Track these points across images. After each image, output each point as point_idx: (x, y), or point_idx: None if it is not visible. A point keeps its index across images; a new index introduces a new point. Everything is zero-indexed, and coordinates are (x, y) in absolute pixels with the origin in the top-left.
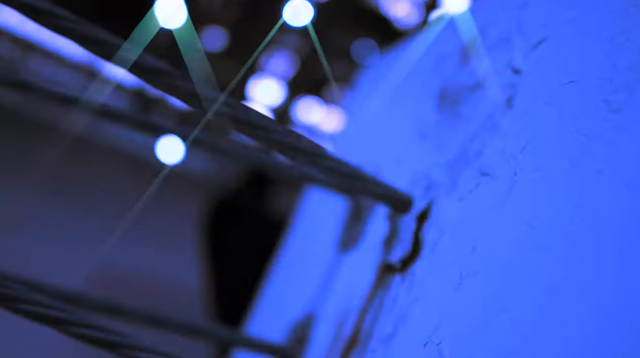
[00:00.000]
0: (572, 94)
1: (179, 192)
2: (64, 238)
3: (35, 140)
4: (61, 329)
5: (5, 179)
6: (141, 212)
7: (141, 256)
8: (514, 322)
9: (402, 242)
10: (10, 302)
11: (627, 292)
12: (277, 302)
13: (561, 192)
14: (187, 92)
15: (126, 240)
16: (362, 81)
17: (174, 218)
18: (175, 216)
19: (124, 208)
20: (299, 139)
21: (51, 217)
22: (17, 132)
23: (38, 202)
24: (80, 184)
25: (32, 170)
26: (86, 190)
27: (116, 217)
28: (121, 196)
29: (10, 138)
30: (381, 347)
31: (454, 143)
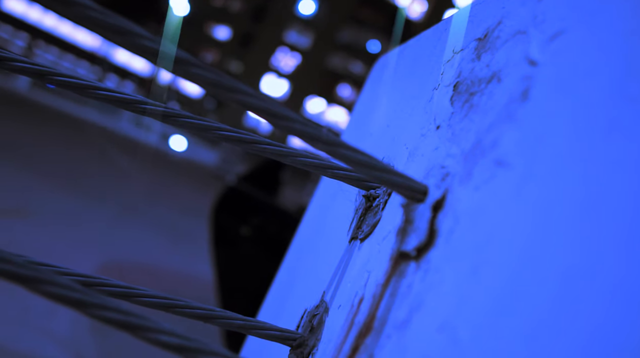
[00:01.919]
0: (589, 85)
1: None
2: (74, 228)
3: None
4: (84, 311)
5: (14, 168)
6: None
7: (153, 246)
8: (530, 307)
9: (417, 230)
10: (37, 283)
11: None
12: (290, 291)
13: (577, 182)
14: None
15: (137, 231)
16: (375, 74)
17: (186, 210)
18: (187, 207)
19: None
20: (318, 128)
21: (60, 207)
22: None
23: (46, 191)
24: (90, 173)
25: (40, 159)
26: (97, 180)
27: (127, 207)
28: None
29: (18, 127)
30: (396, 332)
31: (469, 134)
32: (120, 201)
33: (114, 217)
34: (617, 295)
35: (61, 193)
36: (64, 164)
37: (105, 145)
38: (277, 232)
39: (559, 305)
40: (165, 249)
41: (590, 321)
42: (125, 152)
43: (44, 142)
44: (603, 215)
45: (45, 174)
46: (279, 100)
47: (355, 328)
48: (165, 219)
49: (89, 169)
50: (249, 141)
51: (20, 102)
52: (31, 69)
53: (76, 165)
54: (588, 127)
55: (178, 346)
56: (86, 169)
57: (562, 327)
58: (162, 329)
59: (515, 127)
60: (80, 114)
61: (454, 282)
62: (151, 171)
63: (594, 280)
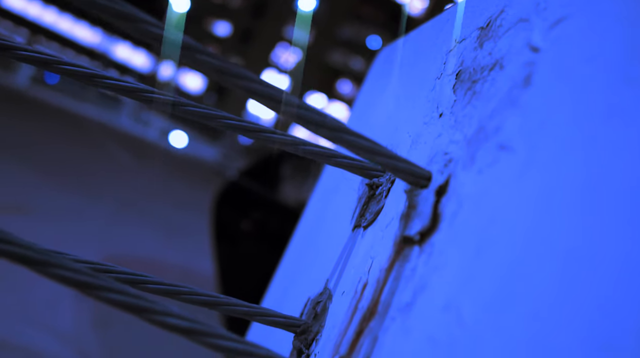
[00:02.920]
0: (591, 71)
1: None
2: (74, 223)
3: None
4: (92, 294)
5: (14, 164)
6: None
7: (153, 242)
8: (534, 286)
9: (420, 215)
10: (45, 266)
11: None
12: (293, 280)
13: (579, 164)
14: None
15: (137, 226)
16: (377, 66)
17: (186, 205)
18: (187, 203)
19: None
20: (322, 114)
21: (60, 203)
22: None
23: (46, 187)
24: (90, 170)
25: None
26: (97, 176)
27: (127, 203)
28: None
29: (17, 123)
30: (400, 315)
31: (472, 120)
32: (120, 197)
33: (114, 212)
34: (619, 275)
35: (61, 190)
36: (64, 160)
37: (105, 141)
38: (277, 226)
39: (563, 282)
40: (165, 244)
41: (593, 301)
42: (125, 148)
43: (44, 139)
44: (605, 198)
45: (45, 170)
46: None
47: (359, 313)
48: (165, 215)
49: (89, 165)
50: (253, 130)
51: (19, 99)
52: (36, 57)
53: (76, 161)
54: (589, 111)
55: (186, 329)
56: (86, 165)
57: (565, 306)
58: (170, 312)
59: (518, 112)
60: (79, 110)
61: (458, 264)
62: (151, 167)
63: (597, 261)
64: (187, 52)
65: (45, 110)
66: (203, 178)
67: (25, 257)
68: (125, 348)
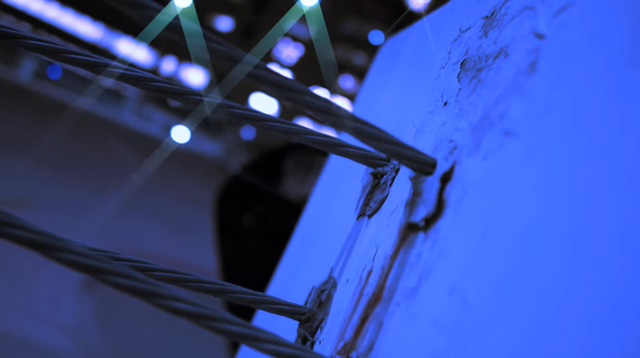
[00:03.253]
0: (596, 56)
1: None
2: (77, 217)
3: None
4: (99, 278)
5: (17, 158)
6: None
7: (155, 236)
8: (540, 267)
9: (425, 202)
10: (53, 250)
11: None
12: (297, 271)
13: (584, 148)
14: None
15: (140, 221)
16: (381, 57)
17: (188, 200)
18: (190, 198)
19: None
20: (328, 102)
21: (63, 197)
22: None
23: (49, 181)
24: (93, 164)
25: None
26: (99, 171)
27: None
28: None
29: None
30: (405, 300)
31: (477, 108)
32: (122, 192)
33: (117, 207)
34: (625, 252)
35: (64, 184)
36: (66, 154)
37: (107, 136)
38: (280, 221)
39: (569, 262)
40: (167, 239)
41: (598, 283)
42: (127, 143)
43: (46, 133)
44: (609, 181)
45: (48, 164)
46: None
47: (364, 300)
48: (167, 209)
49: (91, 159)
50: (258, 119)
51: (21, 93)
52: (44, 46)
53: (78, 155)
54: (594, 95)
55: (192, 313)
56: (88, 159)
57: (570, 288)
58: (177, 297)
59: (523, 98)
60: (82, 105)
61: (463, 248)
62: (153, 162)
63: (602, 243)
64: (196, 39)
65: (48, 105)
66: (205, 173)
67: (35, 242)
68: (126, 341)
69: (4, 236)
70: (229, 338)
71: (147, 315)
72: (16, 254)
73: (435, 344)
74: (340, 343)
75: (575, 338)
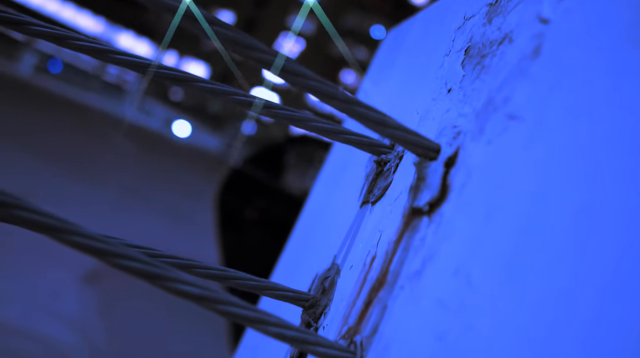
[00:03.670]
0: (601, 36)
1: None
2: (79, 211)
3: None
4: (106, 260)
5: (19, 153)
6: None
7: (157, 229)
8: (544, 243)
9: (429, 186)
10: (61, 233)
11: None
12: (301, 260)
13: (588, 128)
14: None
15: (141, 214)
16: (385, 47)
17: (189, 194)
18: (191, 191)
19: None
20: (334, 86)
21: (65, 190)
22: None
23: (51, 175)
24: (94, 158)
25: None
26: (101, 164)
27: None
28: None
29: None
30: (409, 283)
31: (481, 93)
32: (123, 185)
33: (118, 200)
34: (628, 231)
35: (65, 177)
36: (68, 148)
37: (108, 130)
38: (282, 214)
39: (574, 238)
40: (168, 232)
41: (606, 249)
42: (128, 137)
43: (47, 127)
44: (613, 160)
45: (49, 158)
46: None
47: (368, 285)
48: (168, 203)
49: (92, 153)
50: (262, 106)
51: (23, 88)
52: (50, 32)
53: (80, 149)
54: (598, 76)
55: (198, 296)
56: (89, 153)
57: (577, 258)
58: (182, 279)
59: (527, 82)
60: (83, 99)
61: (467, 230)
62: (154, 156)
63: (605, 219)
64: (202, 23)
65: (49, 99)
66: (207, 167)
67: (44, 224)
68: (129, 333)
69: (14, 219)
70: (234, 321)
71: (149, 308)
72: (19, 247)
73: (439, 324)
74: (344, 328)
75: (580, 315)
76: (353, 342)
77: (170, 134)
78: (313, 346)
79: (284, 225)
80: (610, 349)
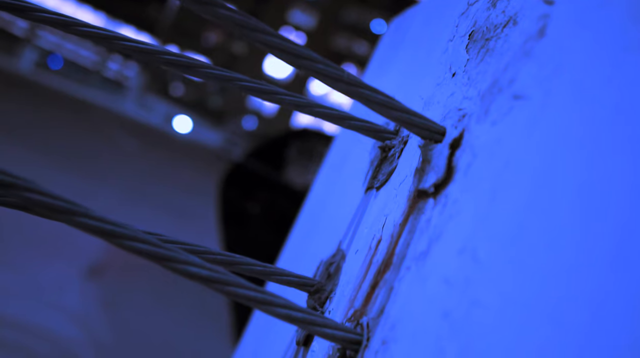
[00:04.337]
0: (606, 16)
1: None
2: None
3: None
4: (115, 242)
5: (21, 150)
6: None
7: (159, 226)
8: (550, 219)
9: (435, 168)
10: (70, 215)
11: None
12: (305, 246)
13: (594, 103)
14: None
15: (143, 211)
16: (388, 36)
17: (190, 189)
18: (192, 187)
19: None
20: (340, 69)
21: (67, 188)
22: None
23: (53, 173)
24: (96, 155)
25: (44, 140)
26: (102, 161)
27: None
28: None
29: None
30: (415, 263)
31: (486, 76)
32: (125, 181)
33: (120, 196)
34: (633, 203)
35: (66, 173)
36: (68, 144)
37: (109, 126)
38: (284, 208)
39: (578, 213)
40: (170, 227)
41: (606, 230)
42: (129, 133)
43: (47, 124)
44: (617, 135)
45: (52, 156)
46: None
47: (373, 267)
48: (170, 199)
49: (93, 149)
50: (268, 92)
51: (23, 84)
52: (56, 19)
53: (80, 145)
54: (605, 53)
55: (206, 277)
56: (90, 149)
57: (582, 232)
58: (191, 261)
59: (532, 62)
60: (84, 96)
61: (473, 209)
62: (155, 151)
63: (609, 194)
64: (209, 7)
65: (49, 95)
66: (208, 163)
67: (54, 206)
68: (133, 328)
69: (25, 201)
70: (242, 303)
71: (151, 302)
72: (22, 242)
73: (446, 301)
74: (350, 311)
75: (586, 288)
76: (359, 324)
77: (171, 129)
78: (320, 327)
79: (286, 219)
80: (616, 321)
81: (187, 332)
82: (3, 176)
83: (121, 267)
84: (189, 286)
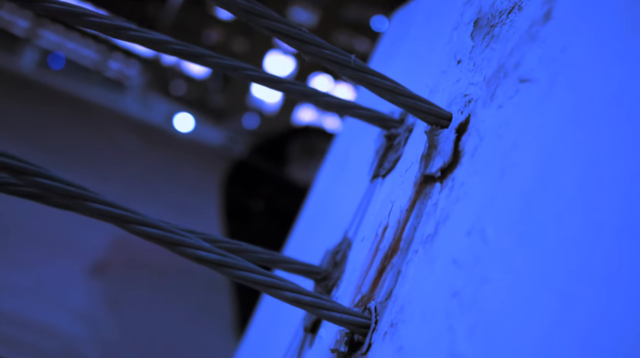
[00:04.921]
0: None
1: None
2: None
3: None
4: (125, 227)
5: (23, 148)
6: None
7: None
8: (557, 196)
9: (441, 152)
10: (81, 200)
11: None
12: (311, 235)
13: (601, 82)
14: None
15: (146, 208)
16: (392, 27)
17: (193, 187)
18: (194, 185)
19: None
20: (347, 55)
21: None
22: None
23: (56, 171)
24: (97, 153)
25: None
26: (104, 159)
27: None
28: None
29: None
30: (423, 246)
31: (491, 61)
32: (127, 179)
33: (122, 194)
34: (638, 180)
35: (68, 171)
36: (70, 143)
37: (111, 125)
38: (287, 204)
39: (585, 190)
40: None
41: (612, 205)
42: (130, 132)
43: (49, 122)
44: (622, 114)
45: (53, 154)
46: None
47: (380, 253)
48: (172, 197)
49: (95, 148)
50: (275, 80)
51: (25, 83)
52: (65, 10)
53: (82, 144)
54: (609, 34)
55: (216, 261)
56: (92, 148)
57: (589, 209)
58: (201, 246)
59: (538, 46)
60: (85, 94)
61: (480, 190)
62: (157, 150)
63: (615, 171)
64: None
65: (50, 94)
66: (210, 161)
67: (66, 192)
68: (137, 326)
69: (36, 185)
70: (251, 287)
71: (156, 300)
72: (26, 239)
73: (455, 281)
74: (357, 296)
75: (595, 261)
76: (367, 309)
77: (173, 128)
78: (328, 311)
79: (288, 215)
80: (626, 295)
81: (191, 329)
82: (15, 161)
83: (124, 264)
84: (192, 283)
